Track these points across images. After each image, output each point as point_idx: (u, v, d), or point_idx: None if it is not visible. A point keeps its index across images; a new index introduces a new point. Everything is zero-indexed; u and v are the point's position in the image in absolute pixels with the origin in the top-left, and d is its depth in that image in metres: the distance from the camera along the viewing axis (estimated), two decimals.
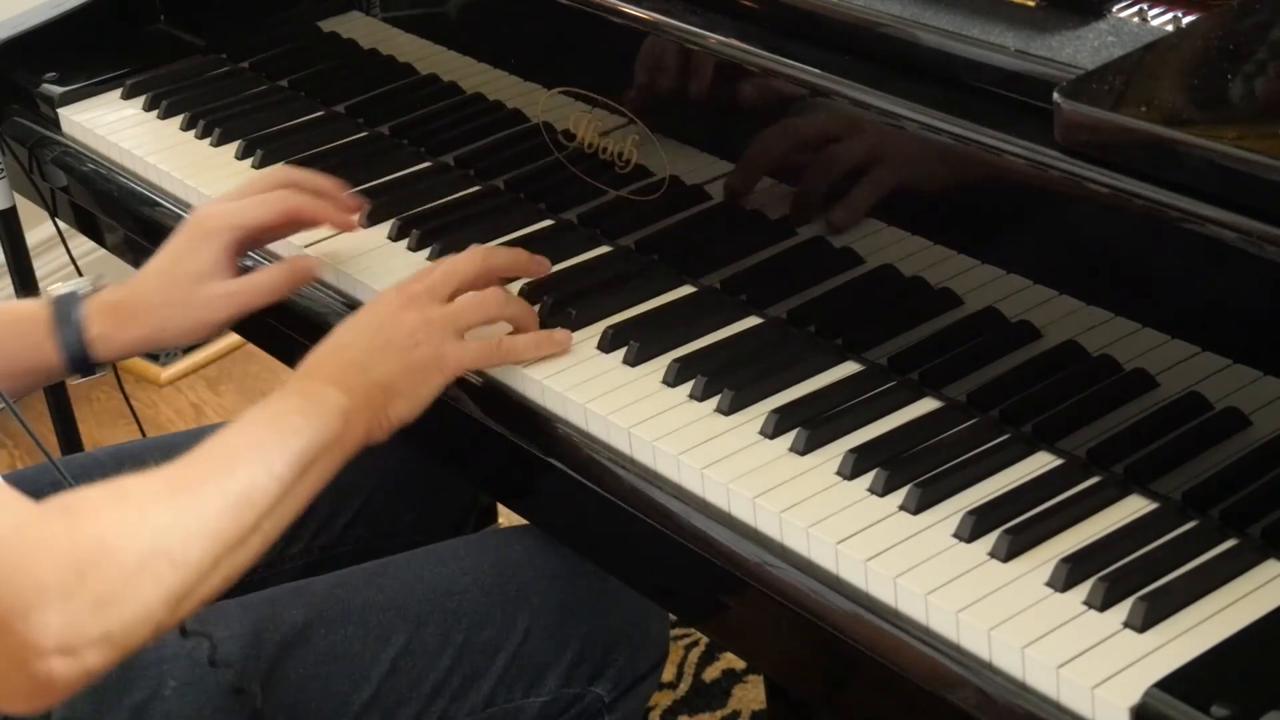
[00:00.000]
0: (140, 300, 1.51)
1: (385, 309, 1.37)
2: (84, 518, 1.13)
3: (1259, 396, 1.16)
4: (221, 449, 1.25)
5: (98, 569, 1.10)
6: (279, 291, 1.52)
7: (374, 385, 1.33)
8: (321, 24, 1.88)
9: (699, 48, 1.44)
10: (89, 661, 1.10)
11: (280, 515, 1.25)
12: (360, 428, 1.32)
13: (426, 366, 1.36)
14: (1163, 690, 1.03)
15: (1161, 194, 1.14)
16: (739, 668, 2.18)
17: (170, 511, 1.17)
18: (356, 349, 1.35)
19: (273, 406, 1.30)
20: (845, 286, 1.39)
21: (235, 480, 1.22)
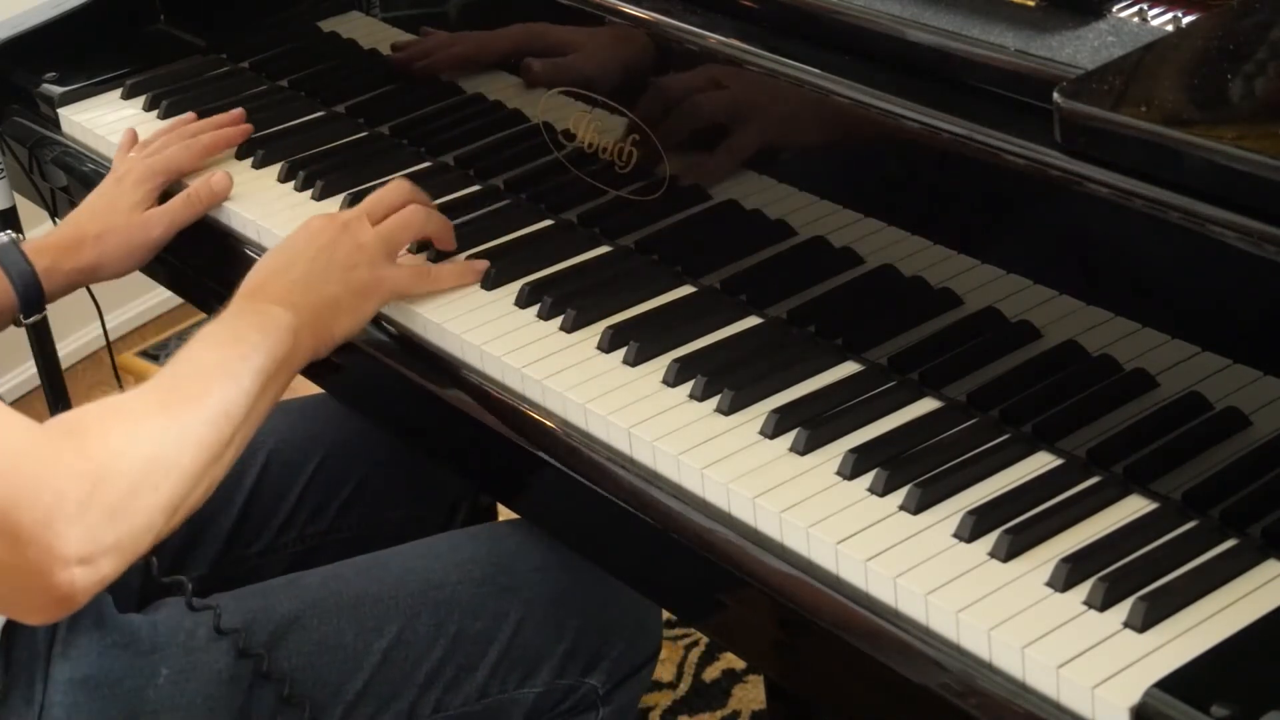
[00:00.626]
0: (79, 233, 1.66)
1: (321, 233, 1.46)
2: (89, 434, 1.18)
3: (1259, 396, 1.16)
4: (193, 366, 1.32)
5: (108, 481, 1.16)
6: (201, 205, 1.68)
7: (319, 303, 1.42)
8: (321, 24, 1.88)
9: (699, 48, 1.44)
10: (104, 570, 1.16)
11: (248, 427, 1.32)
12: (308, 343, 1.40)
13: (366, 286, 1.45)
14: (1163, 690, 1.03)
15: (1161, 194, 1.14)
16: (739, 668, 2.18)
17: (163, 423, 1.24)
18: (299, 269, 1.43)
19: (229, 325, 1.37)
20: (845, 286, 1.39)
21: (211, 394, 1.28)
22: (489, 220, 1.62)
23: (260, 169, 1.77)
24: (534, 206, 1.64)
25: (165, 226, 1.67)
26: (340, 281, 1.44)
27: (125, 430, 1.21)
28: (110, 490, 1.16)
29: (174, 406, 1.26)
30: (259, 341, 1.35)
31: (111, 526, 1.16)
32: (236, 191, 1.73)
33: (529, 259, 1.55)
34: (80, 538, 1.13)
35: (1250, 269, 1.11)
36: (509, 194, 1.67)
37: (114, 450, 1.19)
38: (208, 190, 1.69)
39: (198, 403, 1.27)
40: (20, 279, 1.61)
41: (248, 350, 1.34)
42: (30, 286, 1.62)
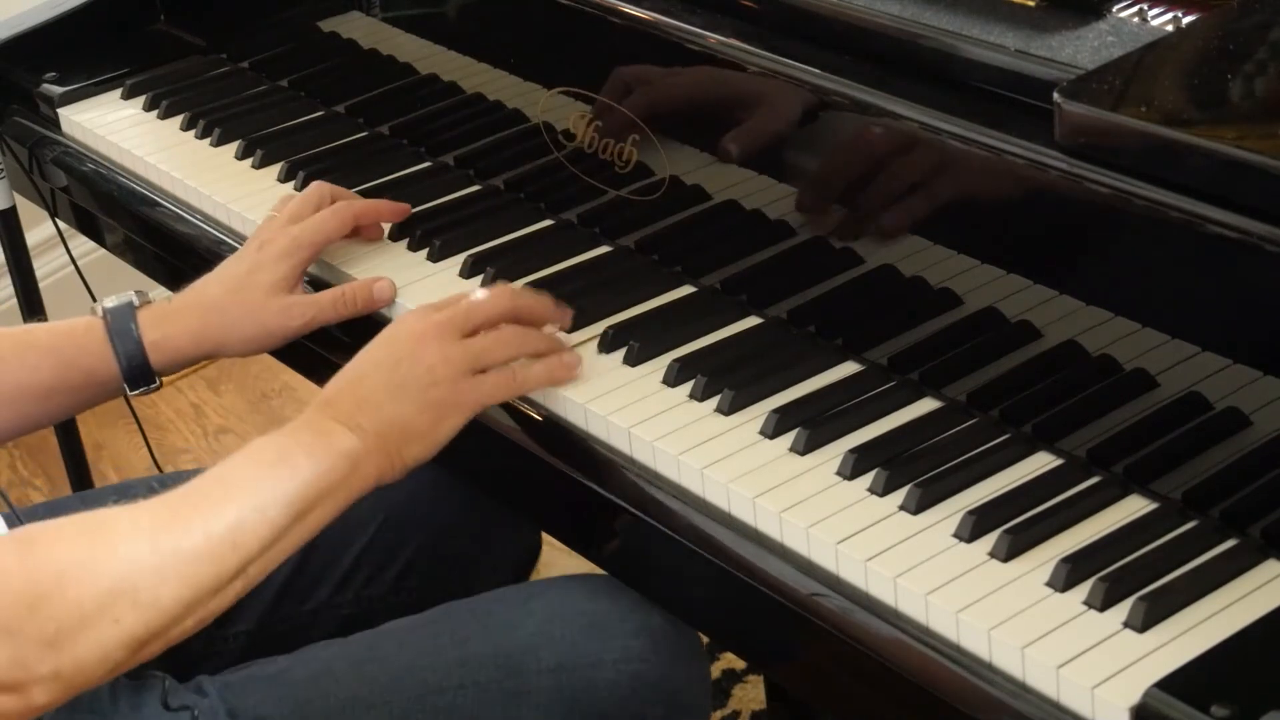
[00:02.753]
0: (205, 304, 1.49)
1: (405, 341, 1.32)
2: (42, 549, 1.08)
3: (1259, 396, 1.16)
4: (216, 484, 1.20)
5: (49, 604, 1.06)
6: (352, 311, 1.50)
7: (388, 425, 1.28)
8: (321, 24, 1.88)
9: (699, 48, 1.44)
10: (35, 699, 1.07)
11: (269, 559, 1.20)
12: (371, 470, 1.27)
13: (444, 405, 1.31)
14: (1163, 690, 1.03)
15: (1161, 194, 1.14)
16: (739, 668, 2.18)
17: (144, 548, 1.12)
18: (372, 384, 1.30)
19: (279, 441, 1.25)
20: (845, 286, 1.39)
21: (222, 519, 1.17)
22: (489, 220, 1.62)
23: (260, 169, 1.77)
24: (534, 206, 1.64)
25: (307, 321, 1.49)
26: (415, 400, 1.29)
27: (92, 550, 1.10)
28: (51, 615, 1.06)
29: (167, 530, 1.14)
30: (304, 466, 1.22)
31: (49, 655, 1.06)
32: (237, 193, 1.73)
33: (529, 259, 1.55)
34: (5, 663, 1.05)
35: (1250, 269, 1.11)
36: (509, 194, 1.67)
37: (66, 571, 1.08)
38: (366, 295, 1.51)
39: (200, 528, 1.15)
40: (125, 353, 1.46)
41: (286, 475, 1.21)
42: (135, 363, 1.47)
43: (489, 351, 1.34)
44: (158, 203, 1.79)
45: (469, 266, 1.55)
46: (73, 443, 2.17)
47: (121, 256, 1.91)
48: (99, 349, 1.46)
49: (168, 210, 1.78)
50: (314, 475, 1.22)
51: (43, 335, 1.49)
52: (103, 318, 1.47)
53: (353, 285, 1.52)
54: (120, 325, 1.47)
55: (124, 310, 1.48)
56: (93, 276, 2.01)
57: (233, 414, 2.95)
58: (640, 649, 1.36)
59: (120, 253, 1.91)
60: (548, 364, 1.37)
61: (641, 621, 1.37)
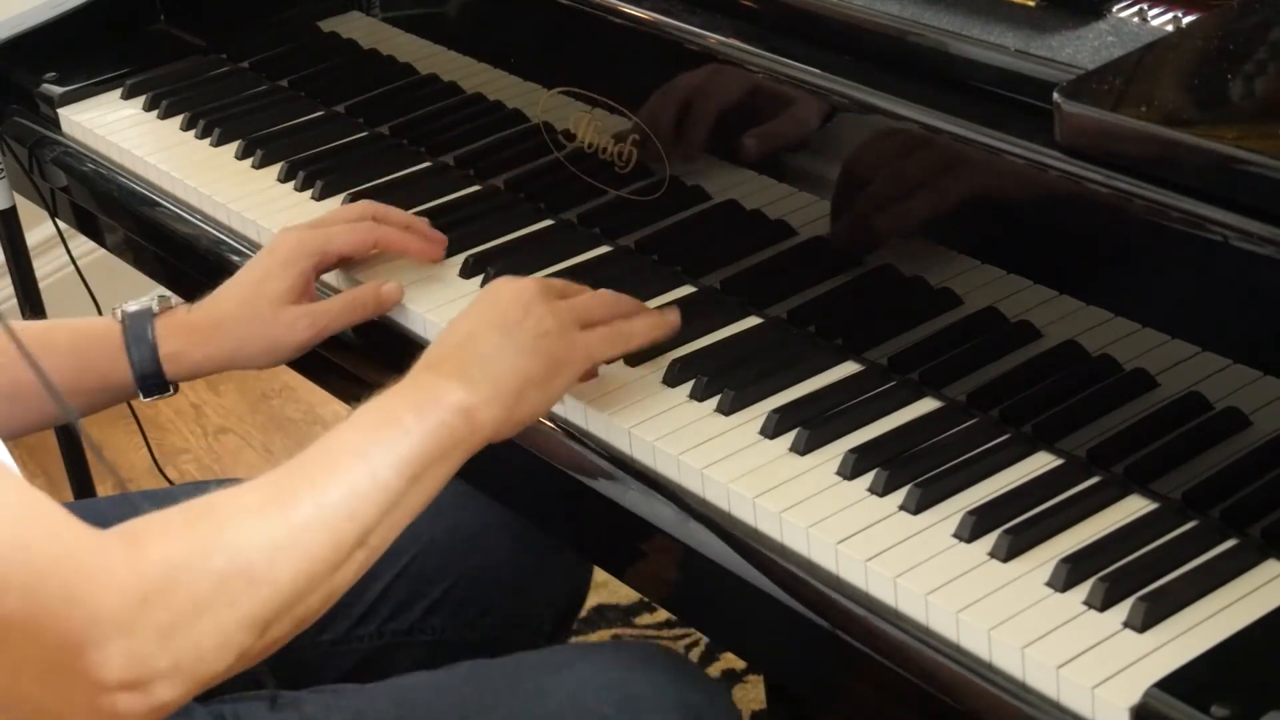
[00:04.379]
0: (219, 319, 1.47)
1: (509, 299, 1.29)
2: (148, 542, 1.05)
3: (1259, 396, 1.16)
4: (323, 454, 1.15)
5: (162, 596, 1.02)
6: (361, 316, 1.49)
7: (503, 376, 1.24)
8: (321, 24, 1.88)
9: (699, 48, 1.44)
10: (160, 695, 1.03)
11: (390, 525, 1.15)
12: (488, 424, 1.22)
13: (558, 355, 1.27)
14: (1163, 690, 1.03)
15: (1161, 194, 1.14)
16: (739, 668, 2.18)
17: (256, 526, 1.08)
18: (482, 340, 1.25)
19: (385, 403, 1.20)
20: (845, 286, 1.39)
21: (332, 490, 1.12)
22: (489, 220, 1.62)
23: (260, 169, 1.77)
24: (534, 206, 1.64)
25: (316, 332, 1.47)
26: (530, 351, 1.26)
27: (200, 535, 1.06)
28: (163, 607, 1.02)
29: (278, 504, 1.10)
30: (413, 426, 1.17)
31: (166, 647, 1.02)
32: (237, 193, 1.73)
33: (529, 259, 1.55)
34: (123, 662, 1.00)
35: (1250, 269, 1.11)
36: (509, 194, 1.67)
37: (174, 560, 1.04)
38: (375, 300, 1.49)
39: (311, 501, 1.10)
40: (140, 362, 1.45)
41: (396, 436, 1.16)
42: (149, 371, 1.45)
43: (590, 308, 1.32)
44: (158, 203, 1.79)
45: (469, 266, 1.55)
46: (73, 443, 2.17)
47: (121, 256, 1.91)
48: (115, 355, 1.46)
49: (168, 210, 1.78)
50: (424, 433, 1.18)
51: (62, 336, 1.48)
52: (121, 322, 1.47)
53: (360, 290, 1.50)
54: (137, 333, 1.46)
55: (142, 317, 1.46)
56: (93, 276, 2.01)
57: (233, 414, 2.95)
58: None
59: (120, 253, 1.91)
60: (650, 318, 1.35)
61: (677, 697, 1.33)
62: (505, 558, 1.57)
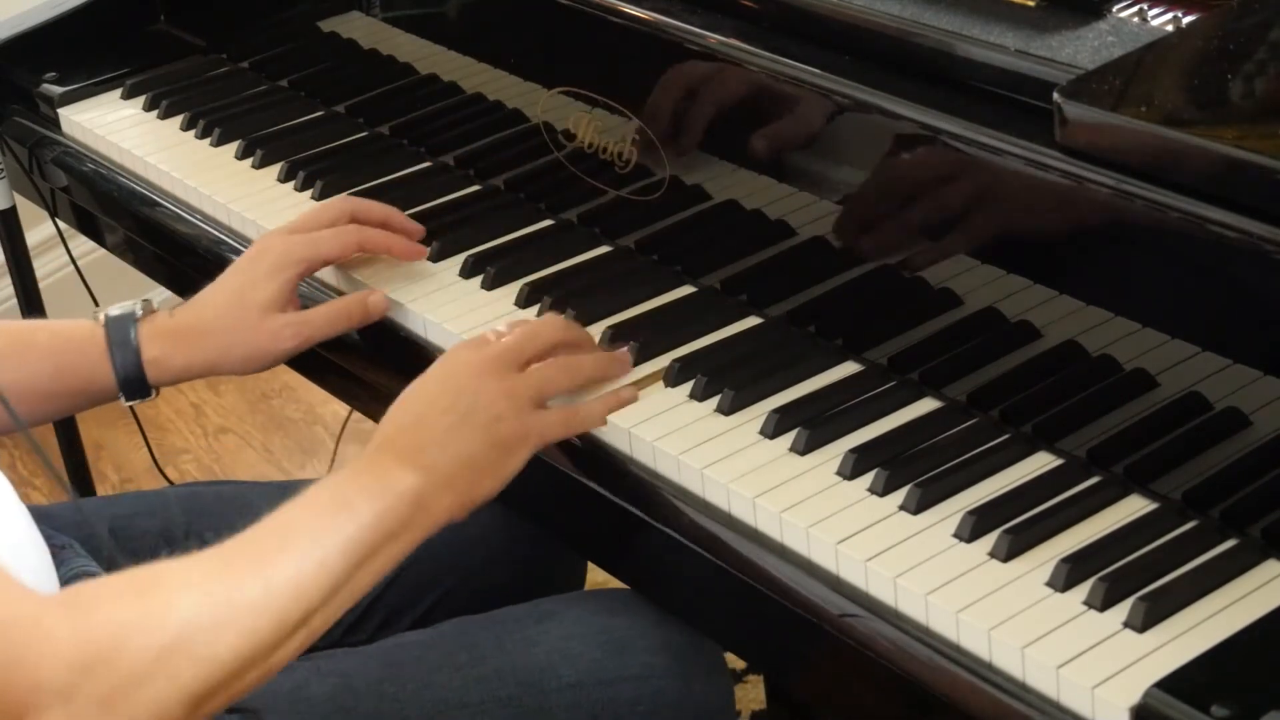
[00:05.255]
0: (203, 325, 1.47)
1: (463, 376, 1.28)
2: (92, 610, 1.05)
3: (1259, 396, 1.16)
4: (272, 533, 1.16)
5: (105, 665, 1.03)
6: (347, 326, 1.49)
7: (457, 464, 1.24)
8: (321, 24, 1.88)
9: (699, 48, 1.44)
10: None
11: (334, 608, 1.16)
12: (440, 511, 1.23)
13: (511, 439, 1.27)
14: (1163, 690, 1.03)
15: (1161, 194, 1.14)
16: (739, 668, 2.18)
17: (200, 602, 1.09)
18: (435, 422, 1.25)
19: (338, 485, 1.20)
20: (845, 286, 1.39)
21: (280, 571, 1.13)
22: (489, 220, 1.62)
23: (260, 169, 1.77)
24: (534, 206, 1.64)
25: (301, 341, 1.47)
26: (482, 436, 1.25)
27: (145, 606, 1.06)
28: (104, 677, 1.03)
29: (225, 582, 1.10)
30: (364, 510, 1.17)
31: (104, 717, 1.03)
32: (237, 193, 1.73)
33: (529, 259, 1.55)
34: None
35: (1250, 269, 1.11)
36: (509, 194, 1.67)
37: (118, 631, 1.04)
38: (361, 311, 1.49)
39: (259, 580, 1.11)
40: (122, 366, 1.45)
41: (346, 520, 1.16)
42: (131, 375, 1.45)
43: (549, 383, 1.31)
44: (158, 203, 1.79)
45: (469, 266, 1.55)
46: (73, 443, 2.17)
47: (121, 257, 1.91)
48: (98, 358, 1.46)
49: (168, 210, 1.78)
50: (374, 518, 1.18)
51: (44, 337, 1.48)
52: (104, 326, 1.46)
53: (346, 301, 1.50)
54: (120, 337, 1.45)
55: (125, 321, 1.46)
56: (93, 276, 2.01)
57: (233, 414, 2.95)
58: (661, 666, 1.35)
59: (120, 253, 1.91)
60: (606, 401, 1.34)
61: (662, 638, 1.36)
62: (498, 569, 1.57)
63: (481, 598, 1.50)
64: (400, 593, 1.54)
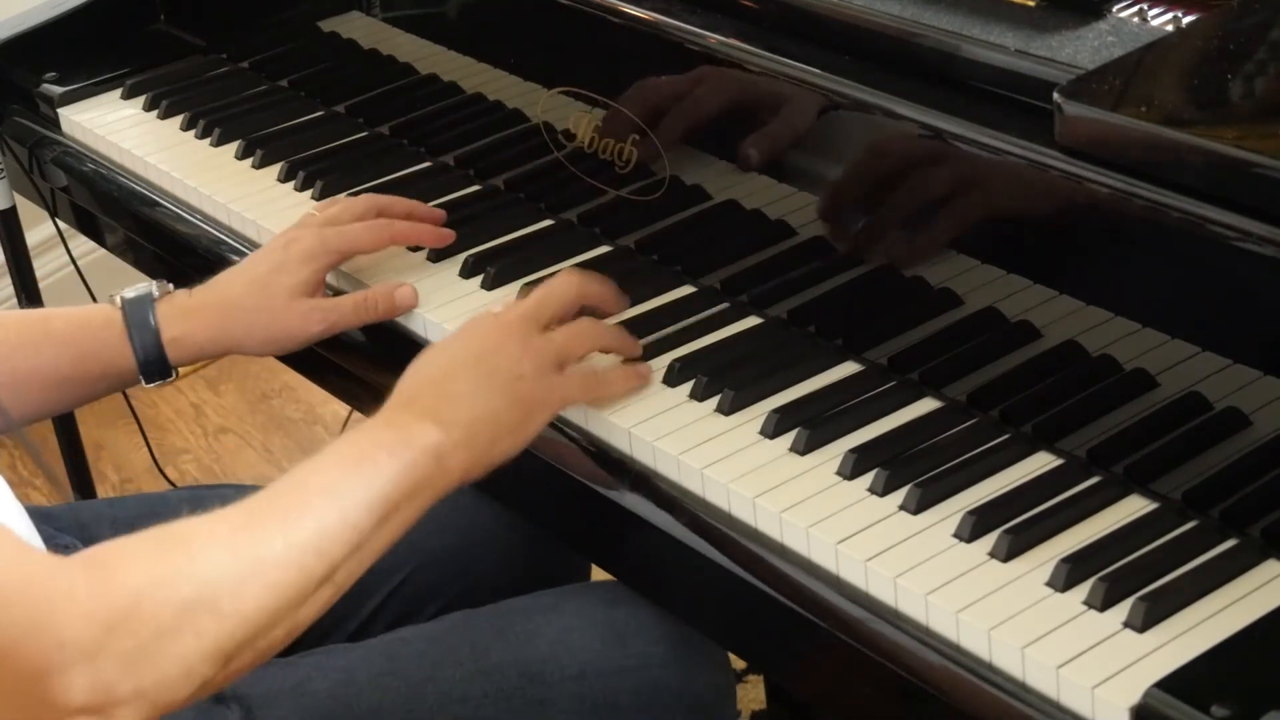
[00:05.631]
0: (227, 304, 1.47)
1: (486, 336, 1.29)
2: (114, 568, 1.05)
3: (1259, 396, 1.16)
4: (294, 488, 1.16)
5: (127, 623, 1.03)
6: (373, 318, 1.49)
7: (477, 420, 1.24)
8: (321, 24, 1.88)
9: (699, 48, 1.44)
10: None
11: (356, 563, 1.16)
12: (457, 466, 1.23)
13: (532, 400, 1.28)
14: (1163, 690, 1.03)
15: (1161, 194, 1.14)
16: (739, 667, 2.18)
17: (223, 558, 1.09)
18: (457, 379, 1.25)
19: (358, 440, 1.20)
20: (845, 286, 1.39)
21: (302, 526, 1.13)
22: (489, 220, 1.62)
23: (260, 169, 1.77)
24: (534, 206, 1.64)
25: (326, 327, 1.48)
26: (504, 394, 1.26)
27: (166, 563, 1.07)
28: (129, 634, 1.03)
29: (248, 536, 1.10)
30: (386, 464, 1.18)
31: (130, 674, 1.02)
32: (237, 193, 1.73)
33: (529, 259, 1.55)
34: (87, 687, 1.01)
35: (1250, 269, 1.11)
36: (509, 194, 1.67)
37: (141, 587, 1.04)
38: (389, 303, 1.49)
39: (280, 536, 1.11)
40: (142, 347, 1.45)
41: (368, 475, 1.17)
42: (152, 357, 1.45)
43: (569, 346, 1.32)
44: (158, 203, 1.79)
45: (469, 266, 1.55)
46: (73, 443, 2.17)
47: (121, 256, 1.91)
48: (116, 342, 1.45)
49: (168, 210, 1.78)
50: (396, 473, 1.18)
51: (60, 325, 1.47)
52: (121, 309, 1.46)
53: (374, 291, 1.50)
54: (138, 319, 1.45)
55: (142, 303, 1.46)
56: (93, 276, 2.01)
57: (233, 414, 2.95)
58: (661, 656, 1.36)
59: (120, 253, 1.91)
60: (625, 373, 1.35)
61: (661, 628, 1.37)
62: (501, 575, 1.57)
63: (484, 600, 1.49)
64: (402, 601, 1.54)
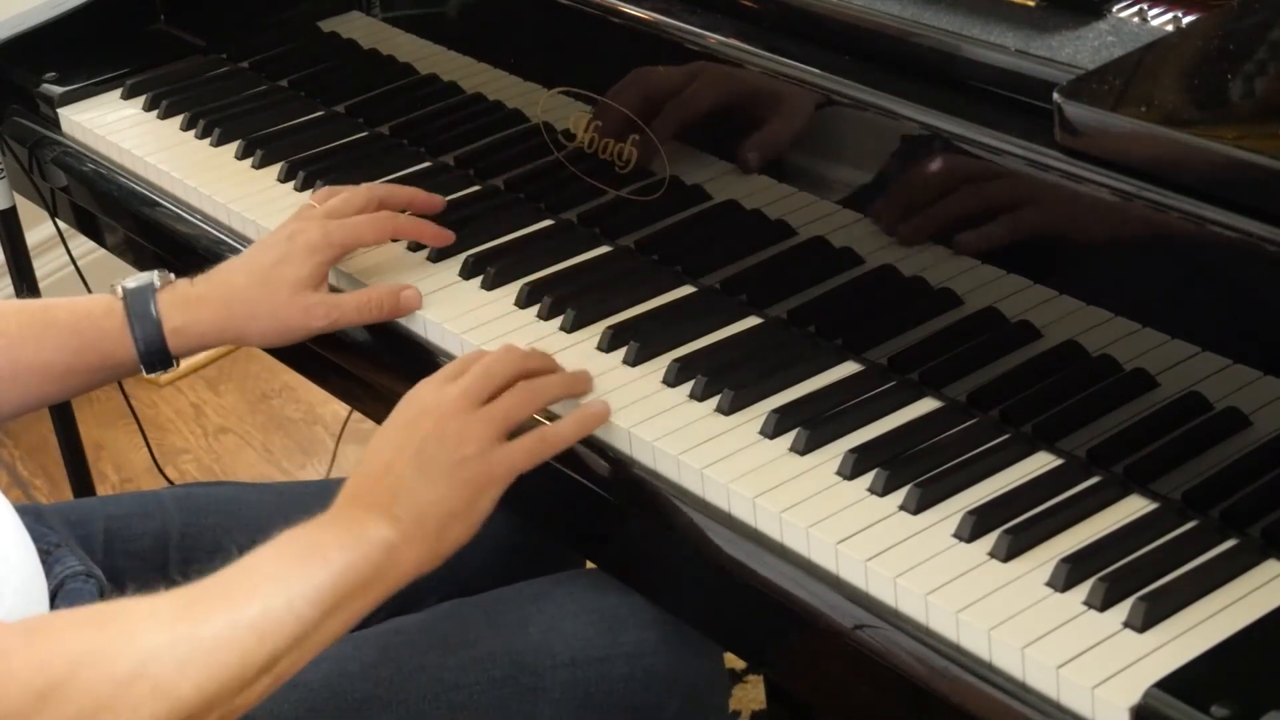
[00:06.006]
0: (228, 294, 1.47)
1: (425, 420, 1.27)
2: (52, 637, 1.06)
3: (1259, 396, 1.16)
4: (241, 574, 1.16)
5: (62, 693, 1.03)
6: (376, 317, 1.49)
7: (425, 509, 1.23)
8: (321, 24, 1.88)
9: (699, 48, 1.44)
10: None
11: (299, 655, 1.16)
12: (410, 560, 1.22)
13: (478, 480, 1.25)
14: (1163, 690, 1.03)
15: (1161, 194, 1.14)
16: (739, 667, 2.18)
17: (163, 636, 1.09)
18: (400, 471, 1.24)
19: (308, 534, 1.20)
20: (845, 286, 1.39)
21: (246, 611, 1.13)
22: (489, 220, 1.62)
23: (260, 169, 1.77)
24: (534, 206, 1.64)
25: (329, 323, 1.47)
26: (449, 479, 1.24)
27: (106, 639, 1.07)
28: (62, 706, 1.03)
29: (188, 620, 1.10)
30: (335, 557, 1.17)
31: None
32: (237, 193, 1.73)
33: (529, 259, 1.55)
34: None
35: (1250, 269, 1.11)
36: (509, 194, 1.67)
37: (78, 659, 1.04)
38: (393, 303, 1.49)
39: (224, 620, 1.11)
40: (144, 337, 1.45)
41: (316, 566, 1.17)
42: (153, 347, 1.45)
43: (510, 415, 1.29)
44: (158, 203, 1.79)
45: (469, 266, 1.55)
46: (73, 443, 2.17)
47: (121, 256, 1.91)
48: (118, 332, 1.45)
49: (168, 210, 1.78)
50: (346, 567, 1.18)
51: (62, 315, 1.47)
52: (123, 299, 1.46)
53: (379, 290, 1.50)
54: (140, 308, 1.45)
55: (144, 292, 1.46)
56: (93, 276, 2.01)
57: (233, 414, 2.95)
58: (652, 642, 1.37)
59: (120, 253, 1.91)
60: (576, 418, 1.32)
61: (652, 615, 1.37)
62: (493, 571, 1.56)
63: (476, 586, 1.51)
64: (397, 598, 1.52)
